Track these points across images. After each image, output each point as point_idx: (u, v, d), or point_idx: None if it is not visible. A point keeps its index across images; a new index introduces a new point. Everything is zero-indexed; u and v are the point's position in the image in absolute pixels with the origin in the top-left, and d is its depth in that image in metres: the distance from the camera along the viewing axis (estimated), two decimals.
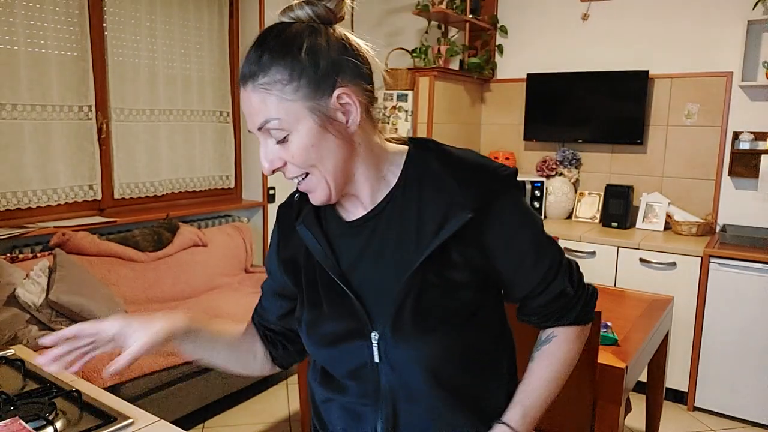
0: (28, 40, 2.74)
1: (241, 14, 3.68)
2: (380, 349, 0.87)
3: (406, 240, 0.86)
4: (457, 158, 0.88)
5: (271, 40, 0.80)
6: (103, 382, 2.18)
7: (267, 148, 0.83)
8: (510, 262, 0.89)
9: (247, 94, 0.80)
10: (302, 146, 0.81)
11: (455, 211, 0.83)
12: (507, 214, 0.86)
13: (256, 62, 0.79)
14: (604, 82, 3.50)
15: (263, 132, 0.81)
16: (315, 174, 0.83)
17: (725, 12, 3.19)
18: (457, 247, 0.85)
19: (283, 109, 0.79)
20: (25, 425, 1.07)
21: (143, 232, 3.08)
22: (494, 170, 0.87)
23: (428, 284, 0.84)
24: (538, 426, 1.73)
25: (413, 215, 0.86)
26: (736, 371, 2.87)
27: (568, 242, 3.24)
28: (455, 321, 0.86)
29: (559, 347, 0.96)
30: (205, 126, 3.60)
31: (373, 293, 0.88)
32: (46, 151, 2.85)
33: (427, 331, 0.84)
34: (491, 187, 0.85)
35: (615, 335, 1.84)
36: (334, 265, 0.89)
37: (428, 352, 0.85)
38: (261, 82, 0.79)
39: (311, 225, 0.92)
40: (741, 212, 3.25)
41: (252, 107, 0.80)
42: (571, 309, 0.95)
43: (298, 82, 0.78)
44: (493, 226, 0.85)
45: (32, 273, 2.44)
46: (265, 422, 2.81)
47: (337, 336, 0.90)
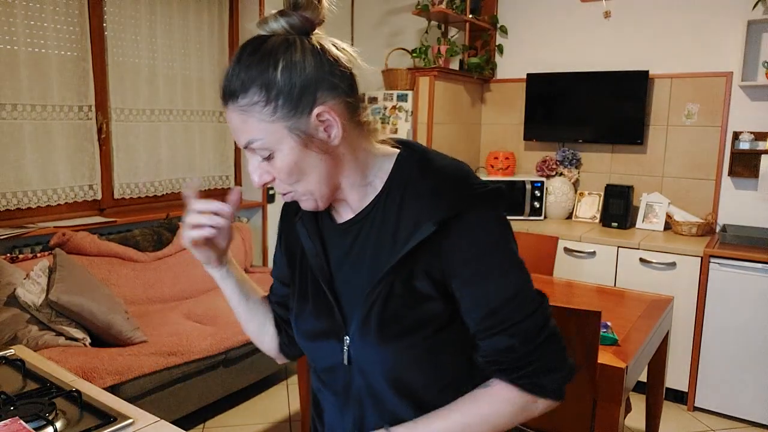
0: (28, 40, 2.74)
1: (241, 14, 3.68)
2: (350, 352, 0.89)
3: (384, 246, 0.86)
4: (437, 168, 0.86)
5: (246, 59, 0.79)
6: (103, 382, 2.19)
7: (254, 163, 0.85)
8: (462, 282, 0.83)
9: (229, 114, 0.81)
10: (286, 164, 0.82)
11: (423, 221, 0.81)
12: (468, 232, 0.81)
13: (234, 83, 0.80)
14: (604, 82, 3.50)
15: (249, 150, 0.83)
16: (300, 188, 0.85)
17: (725, 12, 3.19)
18: (422, 257, 0.83)
19: (263, 130, 0.80)
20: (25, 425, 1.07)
21: (143, 232, 3.08)
22: (468, 185, 0.83)
23: (394, 293, 0.84)
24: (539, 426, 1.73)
25: (392, 221, 0.86)
26: (736, 371, 2.87)
27: (568, 242, 3.24)
28: (420, 333, 0.84)
29: (486, 399, 0.86)
30: (205, 126, 3.60)
31: (351, 296, 0.89)
32: (46, 151, 2.85)
33: (389, 339, 0.85)
34: (460, 201, 0.82)
35: (615, 335, 1.84)
36: (323, 265, 0.92)
37: (391, 361, 0.86)
38: (240, 104, 0.79)
39: (308, 222, 0.94)
40: (741, 212, 3.25)
41: (234, 126, 0.82)
42: (518, 368, 0.83)
43: (275, 103, 0.78)
44: (450, 240, 0.82)
45: (32, 273, 2.44)
46: (265, 422, 2.81)
47: (316, 333, 0.93)
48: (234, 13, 3.67)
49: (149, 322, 2.72)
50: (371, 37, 4.18)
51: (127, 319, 2.51)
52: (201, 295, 3.19)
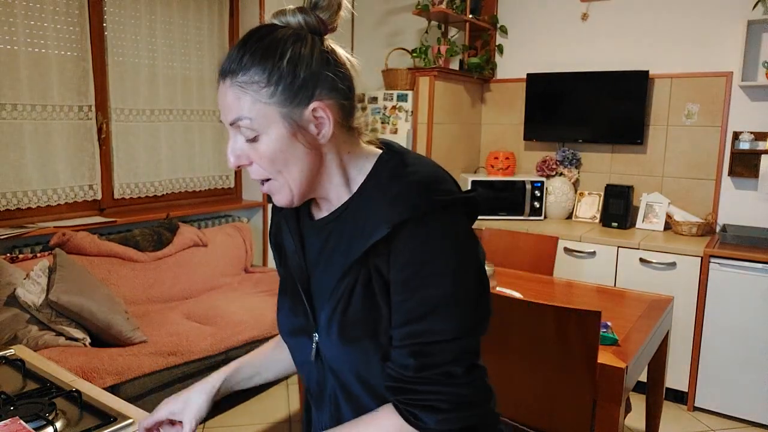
0: (28, 40, 2.74)
1: (241, 14, 3.68)
2: (319, 350, 0.90)
3: (352, 246, 0.85)
4: (407, 172, 0.83)
5: (254, 42, 0.81)
6: (103, 382, 2.19)
7: (236, 143, 0.84)
8: (393, 285, 0.81)
9: (224, 89, 0.81)
10: (270, 150, 0.82)
11: (380, 224, 0.80)
12: (413, 239, 0.78)
13: (236, 60, 0.80)
14: (604, 82, 3.50)
15: (234, 128, 0.83)
16: (278, 179, 0.84)
17: (725, 12, 3.19)
18: (376, 260, 0.82)
19: (255, 110, 0.80)
20: (25, 425, 1.07)
21: (143, 232, 3.08)
22: (431, 191, 0.80)
23: (354, 294, 0.84)
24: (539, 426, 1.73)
25: (362, 222, 0.85)
26: (736, 371, 2.87)
27: (568, 242, 3.24)
28: (377, 339, 0.83)
29: (371, 424, 0.83)
30: (205, 126, 3.60)
31: (321, 294, 0.90)
32: (46, 151, 2.85)
33: (350, 341, 0.85)
34: (416, 207, 0.79)
35: (615, 335, 1.84)
36: (300, 263, 0.93)
37: (356, 360, 0.85)
38: (239, 80, 0.80)
39: (289, 220, 0.96)
40: (741, 212, 3.25)
41: (226, 102, 0.82)
42: (402, 390, 0.81)
43: (275, 87, 0.79)
44: (397, 245, 0.79)
45: (32, 273, 2.44)
46: (265, 422, 2.81)
47: (292, 329, 0.95)
48: (234, 13, 3.67)
49: (149, 322, 2.72)
50: (371, 37, 4.18)
51: (127, 319, 2.51)
52: (201, 295, 3.19)
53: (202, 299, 3.10)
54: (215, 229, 3.49)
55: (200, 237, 3.30)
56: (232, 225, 3.60)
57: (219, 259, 3.37)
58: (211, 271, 3.31)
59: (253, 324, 2.77)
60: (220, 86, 0.83)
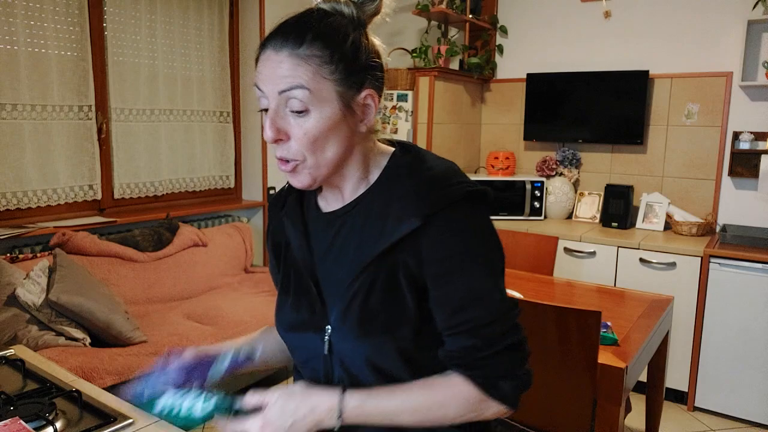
0: (28, 40, 2.74)
1: (241, 14, 3.68)
2: (331, 343, 0.90)
3: (368, 240, 0.87)
4: (426, 167, 0.88)
5: (316, 21, 0.82)
6: (103, 382, 2.18)
7: (277, 115, 0.82)
8: (434, 280, 0.84)
9: (279, 57, 0.80)
10: (317, 128, 0.82)
11: (407, 218, 0.83)
12: (447, 231, 0.83)
13: (299, 34, 0.80)
14: (604, 82, 3.50)
15: (281, 97, 0.81)
16: (309, 160, 0.84)
17: (725, 12, 3.19)
18: (403, 254, 0.84)
19: (315, 82, 0.80)
20: (25, 425, 1.07)
21: (143, 232, 3.08)
22: (453, 183, 0.85)
23: (376, 287, 0.85)
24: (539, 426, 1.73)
25: (378, 217, 0.87)
26: (736, 371, 2.87)
27: (568, 242, 3.24)
28: (397, 332, 0.85)
29: (441, 387, 0.86)
30: (205, 126, 3.60)
31: (332, 287, 0.90)
32: (46, 151, 2.85)
33: (369, 333, 0.86)
34: (443, 198, 0.83)
35: (615, 335, 1.84)
36: (307, 257, 0.93)
37: (371, 352, 0.86)
38: (301, 52, 0.80)
39: (292, 215, 0.96)
40: (741, 212, 3.25)
41: (281, 71, 0.80)
42: (475, 366, 0.85)
43: (336, 66, 0.81)
44: (429, 237, 0.83)
45: (32, 273, 2.44)
46: None
47: (296, 323, 0.94)
48: (234, 13, 3.67)
49: (149, 322, 2.72)
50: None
51: (127, 319, 2.51)
52: (201, 295, 3.19)
53: (202, 299, 3.09)
54: (215, 229, 3.49)
55: (200, 237, 3.30)
56: (232, 225, 3.60)
57: (219, 259, 3.37)
58: (211, 271, 3.31)
59: (253, 324, 2.77)
60: (272, 55, 0.81)
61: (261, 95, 0.83)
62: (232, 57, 3.69)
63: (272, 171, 3.77)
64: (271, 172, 3.76)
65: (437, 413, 0.85)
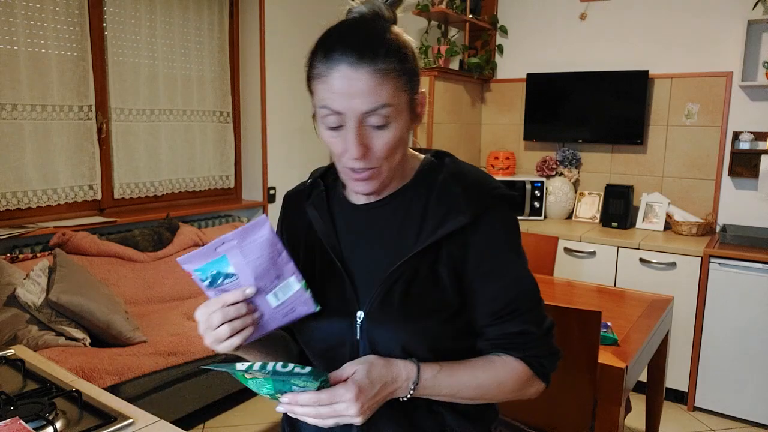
0: (28, 40, 2.74)
1: (241, 14, 3.68)
2: (362, 328, 0.90)
3: (407, 233, 0.91)
4: (466, 171, 0.94)
5: (383, 32, 0.84)
6: (103, 382, 2.18)
7: (363, 132, 0.83)
8: (483, 274, 0.90)
9: (358, 75, 0.80)
10: (396, 137, 0.85)
11: (454, 215, 0.88)
12: (495, 228, 0.90)
13: (372, 48, 0.81)
14: (604, 82, 3.50)
15: (368, 115, 0.82)
16: (384, 166, 0.87)
17: (725, 12, 3.19)
18: (448, 247, 0.89)
19: (396, 97, 0.83)
20: (25, 425, 1.07)
21: (143, 232, 3.08)
22: (494, 187, 0.92)
23: (419, 275, 0.89)
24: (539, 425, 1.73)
25: (418, 213, 0.92)
26: (736, 371, 2.87)
27: (568, 242, 3.24)
28: (436, 317, 0.89)
29: (500, 365, 0.91)
30: (205, 126, 3.60)
31: (364, 274, 0.93)
32: (46, 151, 2.85)
33: (410, 317, 0.88)
34: (489, 199, 0.91)
35: (615, 335, 1.84)
36: (335, 244, 0.95)
37: (407, 338, 0.88)
38: (381, 67, 0.81)
39: (319, 206, 0.98)
40: (741, 212, 3.25)
41: (366, 89, 0.80)
42: (527, 347, 0.92)
43: (408, 76, 0.84)
44: (480, 234, 0.89)
45: (32, 273, 2.44)
46: (265, 422, 2.81)
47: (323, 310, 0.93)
48: (234, 13, 3.67)
49: (149, 322, 2.72)
50: None
51: (127, 319, 2.50)
52: (201, 295, 3.19)
53: (202, 299, 3.09)
54: (215, 229, 3.49)
55: (200, 237, 3.30)
56: (233, 225, 3.60)
57: None
58: None
59: None
60: (345, 73, 0.80)
61: (330, 113, 0.83)
62: (232, 57, 3.69)
63: (272, 171, 3.77)
64: (271, 172, 3.76)
65: (495, 391, 0.91)
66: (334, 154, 0.88)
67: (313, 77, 0.85)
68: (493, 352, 0.93)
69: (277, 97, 3.72)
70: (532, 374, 0.93)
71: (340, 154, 0.86)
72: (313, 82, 0.85)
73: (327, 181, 1.02)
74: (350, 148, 0.83)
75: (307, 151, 3.96)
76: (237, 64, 3.73)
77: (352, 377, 0.81)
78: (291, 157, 3.87)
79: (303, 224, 1.00)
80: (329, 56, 0.81)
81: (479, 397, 0.91)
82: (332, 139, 0.86)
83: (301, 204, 1.01)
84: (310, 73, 0.86)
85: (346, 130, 0.83)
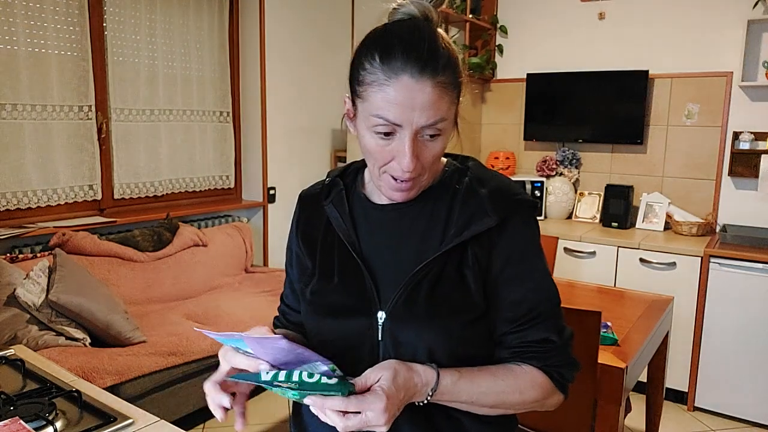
0: (28, 40, 2.74)
1: (241, 14, 3.68)
2: (384, 329, 0.89)
3: (431, 234, 0.91)
4: (490, 176, 0.94)
5: (439, 40, 0.82)
6: (103, 382, 2.19)
7: (416, 144, 0.82)
8: (508, 278, 0.89)
9: (420, 86, 0.79)
10: (442, 148, 0.86)
11: (480, 217, 0.88)
12: (520, 233, 0.90)
13: (433, 59, 0.80)
14: (604, 82, 3.50)
15: (425, 128, 0.82)
16: (424, 174, 0.88)
17: (725, 12, 3.19)
18: (473, 249, 0.89)
19: (450, 111, 0.83)
20: (25, 425, 1.07)
21: (143, 232, 3.08)
22: (520, 193, 0.93)
23: (445, 276, 0.88)
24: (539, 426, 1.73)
25: (442, 215, 0.91)
26: (736, 371, 2.87)
27: (568, 242, 3.24)
28: (461, 317, 0.88)
29: (522, 375, 0.90)
30: (206, 126, 3.60)
31: (387, 274, 0.91)
32: (46, 151, 2.85)
33: (435, 317, 0.87)
34: (515, 205, 0.90)
35: (615, 335, 1.84)
36: (355, 242, 0.94)
37: (431, 339, 0.87)
38: (440, 80, 0.80)
39: (339, 204, 0.97)
40: (741, 212, 3.25)
41: (428, 102, 0.80)
42: (548, 357, 0.90)
43: (459, 90, 0.84)
44: (506, 238, 0.89)
45: (32, 273, 2.44)
46: (265, 422, 2.81)
47: (342, 308, 0.92)
48: (234, 13, 3.67)
49: (149, 322, 2.72)
50: None
51: (127, 319, 2.51)
52: (201, 295, 3.19)
53: (202, 299, 3.09)
54: (215, 229, 3.49)
55: (200, 237, 3.30)
56: (232, 225, 3.60)
57: (219, 259, 3.37)
58: (211, 271, 3.31)
59: (252, 324, 2.77)
60: (407, 84, 0.79)
61: (384, 123, 0.81)
62: (232, 57, 3.69)
63: (272, 171, 3.77)
64: (271, 172, 3.76)
65: (516, 399, 0.89)
66: (375, 159, 0.85)
67: (367, 82, 0.82)
68: (512, 361, 0.91)
69: (277, 97, 3.72)
70: (553, 387, 0.91)
71: (385, 161, 0.84)
72: (367, 87, 0.82)
73: (345, 180, 1.01)
74: (403, 160, 0.82)
75: (307, 151, 3.96)
76: (237, 64, 3.73)
77: (378, 384, 0.78)
78: (291, 157, 3.87)
79: (320, 223, 0.99)
80: (390, 63, 0.79)
81: (498, 406, 0.89)
82: (378, 147, 0.84)
83: (318, 203, 1.00)
84: (363, 77, 0.83)
85: (397, 140, 0.82)
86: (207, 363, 2.59)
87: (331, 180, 1.01)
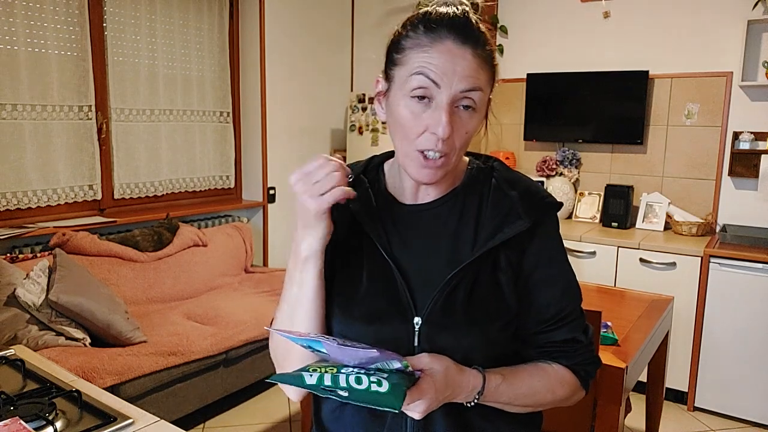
0: (28, 40, 2.74)
1: (241, 14, 3.68)
2: (420, 334, 0.87)
3: (462, 237, 0.90)
4: (517, 177, 0.95)
5: (480, 22, 0.84)
6: (103, 382, 2.19)
7: (450, 114, 0.82)
8: (539, 281, 0.91)
9: (462, 53, 0.81)
10: (476, 124, 0.86)
11: (512, 220, 0.88)
12: (550, 235, 0.93)
13: (475, 33, 0.82)
14: (604, 82, 3.50)
15: (460, 96, 0.82)
16: (454, 154, 0.86)
17: (725, 12, 3.19)
18: (506, 252, 0.89)
19: (487, 84, 0.85)
20: (25, 425, 1.07)
21: (143, 232, 3.08)
22: (549, 195, 0.95)
23: (480, 280, 0.88)
24: None
25: (472, 217, 0.91)
26: (736, 371, 2.87)
27: (569, 242, 3.24)
28: (497, 323, 0.88)
29: (552, 373, 0.91)
30: (206, 126, 3.60)
31: (420, 279, 0.89)
32: (46, 151, 2.85)
33: (474, 322, 0.86)
34: (547, 208, 0.92)
35: (615, 335, 1.84)
36: (386, 245, 0.90)
37: (469, 342, 0.86)
38: (480, 52, 0.82)
39: (366, 203, 0.93)
40: (741, 212, 3.25)
41: (468, 68, 0.81)
42: (576, 356, 0.93)
43: (495, 68, 0.85)
44: (537, 241, 0.90)
45: (32, 273, 2.44)
46: (265, 422, 2.81)
47: (375, 314, 0.89)
48: (234, 13, 3.67)
49: (149, 322, 2.72)
50: (371, 37, 4.17)
51: (127, 319, 2.51)
52: (201, 295, 3.19)
53: (202, 299, 3.09)
54: (215, 229, 3.49)
55: (200, 237, 3.30)
56: (232, 225, 3.60)
57: (219, 259, 3.37)
58: (211, 271, 3.31)
59: (253, 324, 2.77)
60: (450, 48, 0.80)
61: (423, 85, 0.81)
62: (232, 57, 3.69)
63: (272, 171, 3.77)
64: (271, 172, 3.76)
65: (548, 398, 0.91)
66: (407, 132, 0.83)
67: (407, 47, 0.83)
68: (541, 359, 0.92)
69: (277, 97, 3.72)
70: (578, 384, 0.93)
71: (419, 133, 0.82)
72: (408, 52, 0.83)
73: (368, 177, 0.97)
74: (438, 126, 0.80)
75: (307, 151, 3.96)
76: (237, 64, 3.73)
77: (429, 372, 0.78)
78: (291, 157, 3.87)
79: (343, 221, 0.92)
80: (434, 30, 0.81)
81: (531, 405, 0.91)
82: (412, 116, 0.82)
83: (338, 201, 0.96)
84: (404, 44, 0.83)
85: (433, 107, 0.82)
86: (207, 363, 2.59)
87: (355, 177, 0.95)
